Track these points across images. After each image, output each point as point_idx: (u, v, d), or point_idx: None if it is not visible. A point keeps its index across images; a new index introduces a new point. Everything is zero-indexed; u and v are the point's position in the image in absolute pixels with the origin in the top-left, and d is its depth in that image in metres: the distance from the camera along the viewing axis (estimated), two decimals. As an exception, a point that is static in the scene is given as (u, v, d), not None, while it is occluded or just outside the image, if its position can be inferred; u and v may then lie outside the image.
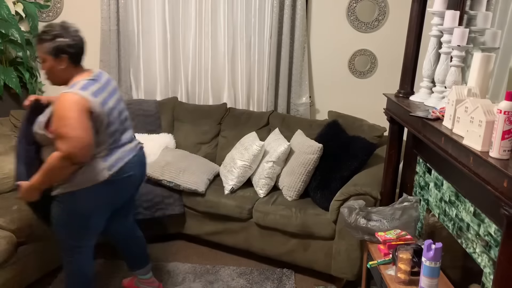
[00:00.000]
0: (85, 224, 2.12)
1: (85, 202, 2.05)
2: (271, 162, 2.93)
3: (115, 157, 2.06)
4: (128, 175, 2.12)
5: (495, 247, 1.58)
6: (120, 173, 2.07)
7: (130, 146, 2.17)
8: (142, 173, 2.29)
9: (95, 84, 2.02)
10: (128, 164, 2.11)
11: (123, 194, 2.20)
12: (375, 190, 2.53)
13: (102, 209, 2.14)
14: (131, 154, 2.15)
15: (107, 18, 3.47)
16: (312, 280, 2.85)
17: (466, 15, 2.11)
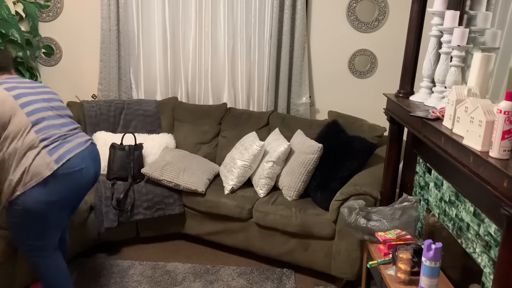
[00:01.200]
0: (43, 223, 2.07)
1: (37, 201, 1.98)
2: (271, 162, 2.93)
3: (61, 150, 2.02)
4: (79, 168, 2.06)
5: (495, 247, 1.58)
6: (68, 166, 2.01)
7: (77, 140, 2.14)
8: (96, 169, 2.21)
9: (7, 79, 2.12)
10: (77, 157, 2.06)
11: (76, 188, 2.10)
12: (375, 190, 2.53)
13: (57, 206, 2.06)
14: (79, 147, 2.10)
15: (107, 18, 3.47)
16: (312, 280, 2.85)
17: (466, 15, 2.11)
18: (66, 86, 3.72)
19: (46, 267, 2.18)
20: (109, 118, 3.40)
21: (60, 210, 2.11)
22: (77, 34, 3.66)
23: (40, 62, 3.72)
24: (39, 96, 2.12)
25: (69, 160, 2.02)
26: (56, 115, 2.13)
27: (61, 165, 1.98)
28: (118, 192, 2.94)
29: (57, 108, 2.17)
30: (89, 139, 2.23)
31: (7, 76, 2.18)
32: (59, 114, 2.15)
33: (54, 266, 2.19)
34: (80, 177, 2.08)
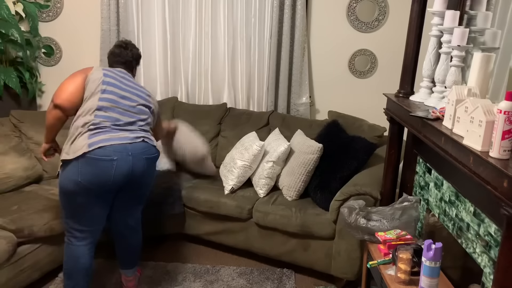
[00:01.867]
0: (74, 204, 2.18)
1: (70, 176, 2.11)
2: (271, 162, 2.93)
3: (100, 138, 2.12)
4: (109, 158, 2.10)
5: (495, 247, 1.58)
6: (99, 153, 2.08)
7: (125, 134, 2.19)
8: (134, 165, 2.19)
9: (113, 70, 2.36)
10: (113, 148, 2.11)
11: (104, 177, 2.13)
12: (375, 190, 2.53)
13: (86, 189, 2.12)
14: (121, 141, 2.15)
15: (107, 18, 3.47)
16: (312, 280, 2.85)
17: (466, 15, 2.11)
18: (66, 86, 3.72)
19: (66, 251, 2.29)
20: (109, 118, 3.40)
21: (88, 195, 2.15)
22: (77, 34, 3.66)
23: (40, 62, 3.72)
24: (123, 92, 2.27)
25: (101, 148, 2.08)
26: (123, 111, 2.24)
27: (93, 149, 2.07)
28: (118, 192, 2.94)
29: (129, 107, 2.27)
30: (141, 136, 2.25)
31: (118, 68, 2.41)
32: (127, 111, 2.25)
33: (72, 255, 2.27)
34: (110, 166, 2.11)
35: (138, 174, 2.24)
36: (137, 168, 2.21)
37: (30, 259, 2.52)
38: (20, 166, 2.94)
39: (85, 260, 2.28)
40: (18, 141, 3.06)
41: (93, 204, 2.20)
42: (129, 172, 2.18)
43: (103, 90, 2.21)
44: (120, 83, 2.30)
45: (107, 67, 2.44)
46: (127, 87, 2.31)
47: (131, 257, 2.54)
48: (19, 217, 2.52)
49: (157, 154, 2.35)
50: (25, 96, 3.50)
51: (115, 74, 2.32)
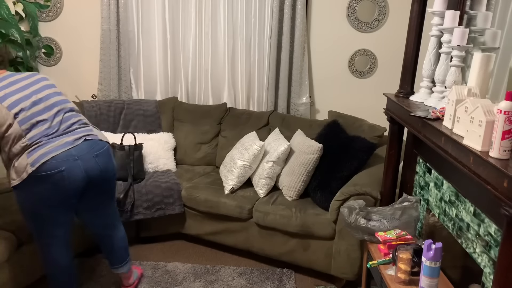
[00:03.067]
0: (37, 218, 2.13)
1: (25, 198, 2.07)
2: (271, 162, 2.93)
3: (39, 153, 2.01)
4: (57, 170, 2.00)
5: (495, 247, 1.58)
6: (44, 168, 1.98)
7: (63, 140, 2.08)
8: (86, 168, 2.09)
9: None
10: (56, 159, 2.01)
11: (60, 189, 2.05)
12: (375, 190, 2.53)
13: (45, 204, 2.08)
14: (62, 149, 2.04)
15: (107, 18, 3.47)
16: (312, 280, 2.85)
17: (466, 15, 2.11)
18: (66, 86, 3.72)
19: (43, 257, 2.27)
20: (109, 118, 3.40)
21: (50, 208, 2.10)
22: (77, 34, 3.66)
23: (40, 62, 3.72)
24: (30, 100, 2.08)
25: (44, 163, 1.98)
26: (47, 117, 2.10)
27: (36, 168, 1.98)
28: (118, 192, 2.93)
29: (48, 109, 2.11)
30: (82, 136, 2.13)
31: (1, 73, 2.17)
32: (50, 115, 2.11)
33: (50, 260, 2.25)
34: (60, 178, 2.02)
35: (95, 174, 2.14)
36: (91, 169, 2.12)
37: (30, 259, 2.52)
38: (20, 166, 2.94)
39: (66, 260, 2.27)
40: (18, 141, 3.06)
41: (56, 214, 2.15)
42: (84, 176, 2.10)
43: (14, 114, 2.01)
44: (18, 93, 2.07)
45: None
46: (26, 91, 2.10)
47: (119, 253, 2.48)
48: (19, 217, 2.52)
49: (106, 146, 2.23)
50: (25, 96, 3.49)
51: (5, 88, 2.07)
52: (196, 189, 3.04)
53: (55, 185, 2.03)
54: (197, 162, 3.49)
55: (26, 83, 2.15)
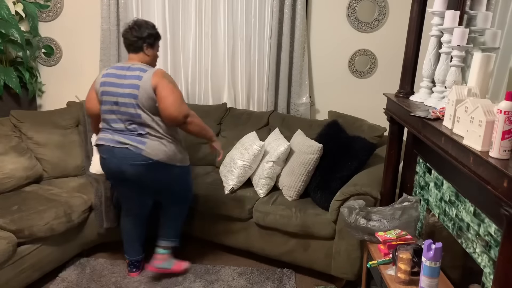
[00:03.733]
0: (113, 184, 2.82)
1: None
2: (271, 162, 2.93)
3: (101, 135, 2.52)
4: (102, 156, 2.52)
5: (495, 247, 1.58)
6: (98, 148, 2.54)
7: (114, 137, 2.46)
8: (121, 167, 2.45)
9: (113, 69, 2.49)
10: (104, 147, 2.48)
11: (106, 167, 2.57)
12: (375, 190, 2.53)
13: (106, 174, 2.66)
14: (108, 143, 2.46)
15: (107, 18, 3.47)
16: (312, 280, 2.85)
17: (466, 15, 2.11)
18: (66, 86, 3.72)
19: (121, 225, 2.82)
20: (109, 118, 3.40)
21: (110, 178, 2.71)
22: (77, 34, 3.66)
23: (40, 62, 3.72)
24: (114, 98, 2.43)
25: (98, 145, 2.52)
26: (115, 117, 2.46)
27: (95, 144, 2.58)
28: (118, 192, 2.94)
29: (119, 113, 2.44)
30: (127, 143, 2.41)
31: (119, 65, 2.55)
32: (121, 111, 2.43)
33: (122, 226, 2.80)
34: (104, 162, 2.54)
35: (132, 177, 2.47)
36: (126, 171, 2.46)
37: (30, 259, 2.52)
38: (20, 166, 2.94)
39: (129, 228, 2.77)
40: (18, 141, 3.06)
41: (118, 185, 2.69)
42: (118, 171, 2.48)
43: (102, 101, 2.48)
44: (112, 87, 2.43)
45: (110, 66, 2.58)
46: (117, 90, 2.42)
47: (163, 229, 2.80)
48: (19, 217, 2.53)
49: (147, 162, 2.42)
50: (25, 96, 3.50)
51: (112, 78, 2.45)
52: (196, 189, 3.04)
53: (104, 164, 2.56)
54: (197, 162, 3.48)
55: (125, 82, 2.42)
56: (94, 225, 2.91)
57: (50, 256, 2.67)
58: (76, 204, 2.79)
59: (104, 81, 2.45)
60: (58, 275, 2.75)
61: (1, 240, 2.34)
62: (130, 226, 2.77)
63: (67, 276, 2.76)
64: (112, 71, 2.47)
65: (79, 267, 2.85)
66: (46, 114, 3.36)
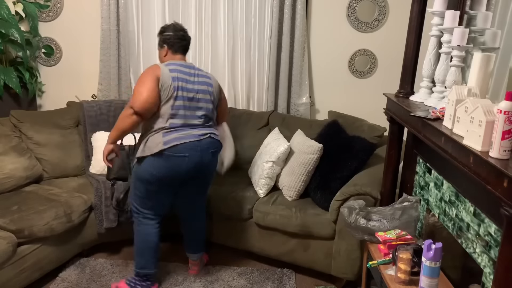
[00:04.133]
0: (144, 191, 2.49)
1: (145, 169, 2.41)
2: (270, 162, 2.93)
3: (173, 136, 2.37)
4: (182, 155, 2.37)
5: (495, 247, 1.58)
6: (173, 150, 2.35)
7: (194, 132, 2.43)
8: (203, 159, 2.45)
9: (179, 66, 2.47)
10: (185, 146, 2.37)
11: (176, 171, 2.42)
12: (375, 190, 2.53)
13: (158, 181, 2.43)
14: (191, 138, 2.40)
15: (107, 18, 3.47)
16: (312, 280, 2.85)
17: (466, 15, 2.11)
18: (66, 86, 3.72)
19: (137, 230, 2.58)
20: (109, 118, 3.40)
21: (160, 185, 2.47)
22: (77, 34, 3.66)
23: (40, 62, 3.72)
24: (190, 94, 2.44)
25: (175, 146, 2.35)
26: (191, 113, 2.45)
27: (168, 148, 2.34)
28: (118, 192, 2.94)
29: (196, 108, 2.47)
30: (207, 133, 2.47)
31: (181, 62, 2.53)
32: (194, 112, 2.46)
33: (143, 233, 2.57)
34: (181, 162, 2.39)
35: (204, 167, 2.51)
36: (204, 162, 2.48)
37: (30, 259, 2.52)
38: (20, 166, 2.94)
39: (153, 238, 2.57)
40: (18, 141, 3.06)
41: (161, 192, 2.51)
42: (198, 165, 2.45)
43: (175, 97, 2.38)
44: (187, 84, 2.44)
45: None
46: (193, 86, 2.46)
47: (194, 242, 2.81)
48: (19, 217, 2.53)
49: (220, 146, 2.60)
50: (25, 96, 3.50)
51: (182, 75, 2.44)
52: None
53: (175, 166, 2.40)
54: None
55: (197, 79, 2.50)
56: (94, 225, 2.91)
57: (50, 256, 2.67)
58: (76, 204, 2.79)
59: (176, 76, 2.41)
60: (58, 275, 2.75)
61: (1, 240, 2.34)
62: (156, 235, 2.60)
63: (67, 276, 2.76)
64: (177, 68, 2.45)
65: (79, 267, 2.85)
66: (46, 114, 3.36)
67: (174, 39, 2.53)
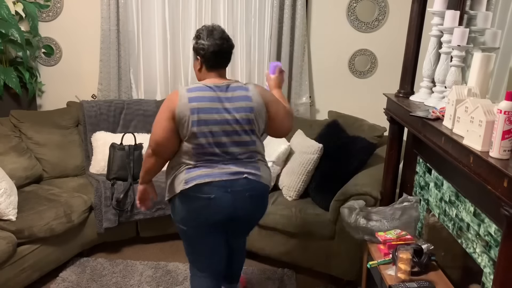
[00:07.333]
0: (184, 236, 2.11)
1: (175, 211, 2.04)
2: (270, 162, 2.92)
3: (196, 173, 1.93)
4: (207, 196, 1.92)
5: (495, 247, 1.58)
6: (195, 190, 1.92)
7: (223, 169, 1.95)
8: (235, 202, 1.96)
9: (204, 91, 1.95)
10: (211, 185, 1.92)
11: (204, 214, 1.97)
12: (375, 190, 2.53)
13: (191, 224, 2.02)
14: (220, 177, 1.93)
15: (107, 18, 3.47)
16: (313, 280, 2.85)
17: (466, 15, 2.11)
18: (66, 86, 3.72)
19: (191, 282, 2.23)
20: (109, 118, 3.40)
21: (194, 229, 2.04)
22: (77, 34, 3.66)
23: (40, 62, 3.72)
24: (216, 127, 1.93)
25: (198, 185, 1.92)
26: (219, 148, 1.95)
27: (190, 187, 1.92)
28: (118, 192, 2.94)
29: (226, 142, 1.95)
30: (243, 172, 1.97)
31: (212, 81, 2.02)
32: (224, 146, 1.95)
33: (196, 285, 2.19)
34: (207, 204, 1.94)
35: (243, 212, 2.01)
36: (239, 206, 1.98)
37: (30, 259, 2.53)
38: (20, 166, 2.94)
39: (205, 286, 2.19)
40: (18, 141, 3.06)
41: (202, 237, 2.07)
42: (230, 210, 1.97)
43: (194, 134, 1.90)
44: (213, 114, 1.92)
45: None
46: (223, 116, 1.94)
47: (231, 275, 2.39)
48: (19, 217, 2.52)
49: (265, 188, 2.07)
50: (25, 96, 3.49)
51: (207, 103, 1.93)
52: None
53: (200, 208, 1.96)
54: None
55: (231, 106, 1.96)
56: (94, 225, 2.91)
57: (50, 256, 2.67)
58: (76, 204, 2.79)
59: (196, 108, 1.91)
60: (58, 275, 2.75)
61: (1, 240, 2.34)
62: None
63: (68, 276, 2.76)
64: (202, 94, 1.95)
65: (79, 267, 2.85)
66: (46, 114, 3.36)
67: (209, 51, 2.03)
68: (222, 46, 2.05)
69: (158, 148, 1.98)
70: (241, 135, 1.97)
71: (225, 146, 1.95)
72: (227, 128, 1.94)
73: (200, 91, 1.95)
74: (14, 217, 2.50)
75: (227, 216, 1.98)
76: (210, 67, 2.05)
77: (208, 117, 1.91)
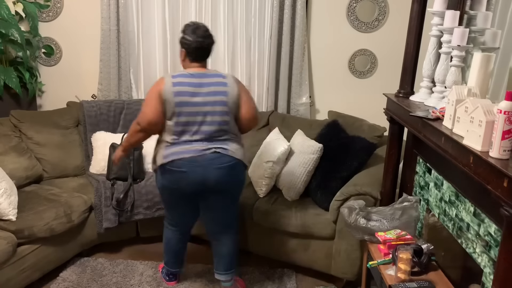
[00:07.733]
0: (163, 200, 2.58)
1: (157, 179, 2.43)
2: (271, 162, 2.93)
3: (173, 150, 2.30)
4: (179, 170, 2.28)
5: (495, 247, 1.58)
6: (171, 165, 2.29)
7: (196, 147, 2.29)
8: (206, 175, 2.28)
9: (186, 77, 2.30)
10: (182, 161, 2.27)
11: (179, 185, 2.34)
12: (375, 190, 2.53)
13: (166, 193, 2.44)
14: (189, 154, 2.28)
15: (107, 18, 3.47)
16: (313, 280, 2.85)
17: (466, 15, 2.11)
18: (66, 86, 3.72)
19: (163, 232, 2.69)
20: (109, 118, 3.40)
21: (171, 195, 2.44)
22: (77, 34, 3.66)
23: (40, 62, 3.72)
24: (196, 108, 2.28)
25: (173, 161, 2.28)
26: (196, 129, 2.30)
27: (167, 162, 2.29)
28: (118, 192, 2.94)
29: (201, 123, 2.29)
30: (212, 147, 2.30)
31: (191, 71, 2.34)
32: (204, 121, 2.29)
33: (165, 236, 2.67)
34: (180, 177, 2.31)
35: (213, 183, 2.30)
36: (209, 177, 2.29)
37: (30, 259, 2.53)
38: (20, 166, 2.94)
39: (174, 242, 2.64)
40: (18, 141, 3.06)
41: (176, 202, 2.47)
42: (202, 181, 2.29)
43: (177, 113, 2.26)
44: (193, 97, 2.27)
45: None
46: (201, 99, 2.27)
47: (223, 261, 2.58)
48: (19, 217, 2.52)
49: (232, 162, 2.32)
50: (25, 96, 3.50)
51: (188, 88, 2.27)
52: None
53: (177, 180, 2.33)
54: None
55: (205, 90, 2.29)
56: (94, 225, 2.91)
57: (50, 256, 2.67)
58: (76, 204, 2.79)
59: (179, 91, 2.25)
60: (59, 275, 2.75)
61: (1, 240, 2.34)
62: (175, 241, 2.65)
63: (68, 276, 2.76)
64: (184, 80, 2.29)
65: (79, 267, 2.85)
66: (46, 114, 3.36)
67: (191, 47, 2.31)
68: (203, 43, 2.34)
69: (149, 126, 2.32)
70: (214, 116, 2.29)
71: (200, 125, 2.29)
72: (203, 109, 2.28)
73: (183, 77, 2.30)
74: (14, 217, 2.50)
75: (199, 187, 2.32)
76: (192, 59, 2.37)
77: (187, 99, 2.26)
